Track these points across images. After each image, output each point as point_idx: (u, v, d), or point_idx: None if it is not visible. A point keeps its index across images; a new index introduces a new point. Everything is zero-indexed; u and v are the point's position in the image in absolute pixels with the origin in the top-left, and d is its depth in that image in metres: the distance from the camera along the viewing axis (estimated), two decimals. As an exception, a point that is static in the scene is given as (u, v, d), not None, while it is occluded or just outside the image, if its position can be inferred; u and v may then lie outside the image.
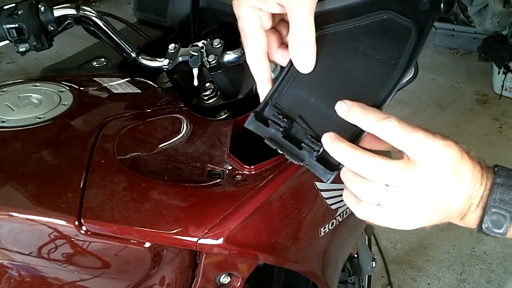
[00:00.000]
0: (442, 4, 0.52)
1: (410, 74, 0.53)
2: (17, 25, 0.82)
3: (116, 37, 0.90)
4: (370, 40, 0.56)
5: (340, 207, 0.85)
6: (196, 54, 0.84)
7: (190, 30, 1.01)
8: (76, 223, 0.60)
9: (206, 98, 0.92)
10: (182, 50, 0.86)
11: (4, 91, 0.81)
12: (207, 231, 0.62)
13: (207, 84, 0.93)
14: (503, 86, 3.02)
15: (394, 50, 0.54)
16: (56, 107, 0.77)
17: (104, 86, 0.87)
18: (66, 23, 0.87)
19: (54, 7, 0.85)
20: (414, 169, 0.49)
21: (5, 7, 0.83)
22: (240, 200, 0.66)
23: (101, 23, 0.89)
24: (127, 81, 0.90)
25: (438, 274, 1.91)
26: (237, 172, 0.72)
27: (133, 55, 0.91)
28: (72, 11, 0.86)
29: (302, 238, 0.79)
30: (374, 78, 0.55)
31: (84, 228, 0.60)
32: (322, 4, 0.58)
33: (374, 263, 1.35)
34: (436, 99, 3.09)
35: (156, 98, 0.89)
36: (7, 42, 0.84)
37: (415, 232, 1.99)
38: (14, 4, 0.83)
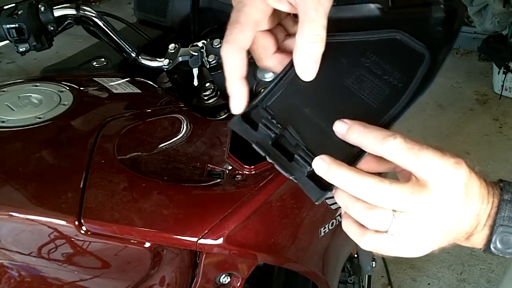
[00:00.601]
0: (455, 36, 0.49)
1: (419, 99, 0.49)
2: (17, 25, 0.82)
3: (116, 37, 0.90)
4: (378, 58, 0.52)
5: (340, 207, 0.85)
6: (196, 54, 0.84)
7: (190, 30, 1.01)
8: (76, 223, 0.60)
9: (206, 98, 0.92)
10: (182, 50, 0.86)
11: (4, 91, 0.81)
12: (207, 231, 0.62)
13: (207, 84, 0.93)
14: (503, 86, 3.02)
15: (403, 73, 0.51)
16: (56, 107, 0.77)
17: (104, 86, 0.87)
18: (66, 23, 0.87)
19: (54, 7, 0.85)
20: (424, 192, 0.46)
21: (5, 7, 0.83)
22: (240, 200, 0.66)
23: (101, 23, 0.89)
24: (127, 81, 0.90)
25: (438, 274, 1.91)
26: (237, 172, 0.72)
27: (133, 55, 0.91)
28: (72, 11, 0.86)
29: (302, 238, 0.79)
30: (379, 98, 0.51)
31: (84, 228, 0.60)
32: (332, 11, 0.53)
33: (374, 263, 1.35)
34: (436, 99, 3.09)
35: (156, 98, 0.89)
36: (7, 42, 0.84)
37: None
38: (14, 4, 0.83)
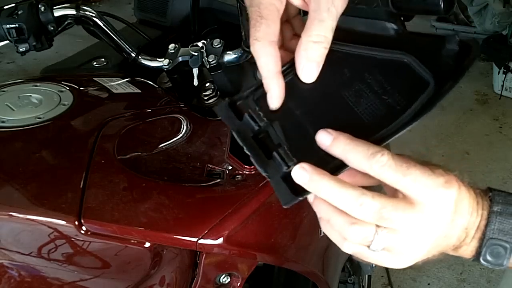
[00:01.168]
0: (464, 72, 0.48)
1: (414, 125, 0.47)
2: (17, 25, 0.82)
3: (116, 37, 0.90)
4: (382, 77, 0.51)
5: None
6: (196, 54, 0.84)
7: (190, 30, 1.01)
8: (76, 223, 0.60)
9: (206, 98, 0.92)
10: (182, 50, 0.86)
11: (4, 91, 0.81)
12: (207, 231, 0.62)
13: (207, 84, 0.93)
14: (503, 86, 3.01)
15: (404, 97, 0.49)
16: (56, 107, 0.77)
17: (104, 86, 0.87)
18: (66, 23, 0.87)
19: (54, 7, 0.85)
20: (411, 209, 0.44)
21: (5, 7, 0.83)
22: (240, 200, 0.66)
23: (101, 23, 0.89)
24: (127, 81, 0.90)
25: (438, 274, 1.91)
26: (237, 172, 0.72)
27: (133, 55, 0.91)
28: (72, 11, 0.86)
29: (302, 238, 0.79)
30: (373, 116, 0.49)
31: (84, 228, 0.60)
32: (345, 21, 0.52)
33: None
34: (436, 99, 3.09)
35: (156, 98, 0.89)
36: (7, 42, 0.84)
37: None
38: (14, 4, 0.83)
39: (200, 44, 0.85)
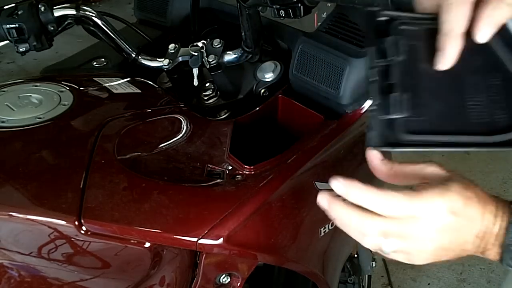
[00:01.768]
0: None
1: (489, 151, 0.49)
2: (17, 25, 0.82)
3: (116, 37, 0.90)
4: (502, 89, 0.49)
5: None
6: (196, 54, 0.84)
7: (190, 30, 1.01)
8: (76, 223, 0.60)
9: (206, 98, 0.92)
10: (182, 50, 0.86)
11: (4, 91, 0.81)
12: (207, 231, 0.62)
13: (207, 84, 0.93)
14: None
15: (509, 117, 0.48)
16: (56, 107, 0.77)
17: (104, 86, 0.87)
18: (66, 23, 0.87)
19: (54, 7, 0.85)
20: (412, 223, 0.48)
21: (5, 7, 0.83)
22: (240, 200, 0.66)
23: (101, 23, 0.89)
24: (127, 81, 0.90)
25: (438, 274, 1.91)
26: (237, 172, 0.72)
27: (133, 55, 0.91)
28: (72, 11, 0.86)
29: (302, 238, 0.79)
30: (474, 116, 0.49)
31: (84, 228, 0.60)
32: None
33: (374, 263, 1.35)
34: (436, 99, 3.09)
35: (156, 98, 0.89)
36: (7, 42, 0.84)
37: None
38: (14, 4, 0.83)
39: (200, 44, 0.85)
